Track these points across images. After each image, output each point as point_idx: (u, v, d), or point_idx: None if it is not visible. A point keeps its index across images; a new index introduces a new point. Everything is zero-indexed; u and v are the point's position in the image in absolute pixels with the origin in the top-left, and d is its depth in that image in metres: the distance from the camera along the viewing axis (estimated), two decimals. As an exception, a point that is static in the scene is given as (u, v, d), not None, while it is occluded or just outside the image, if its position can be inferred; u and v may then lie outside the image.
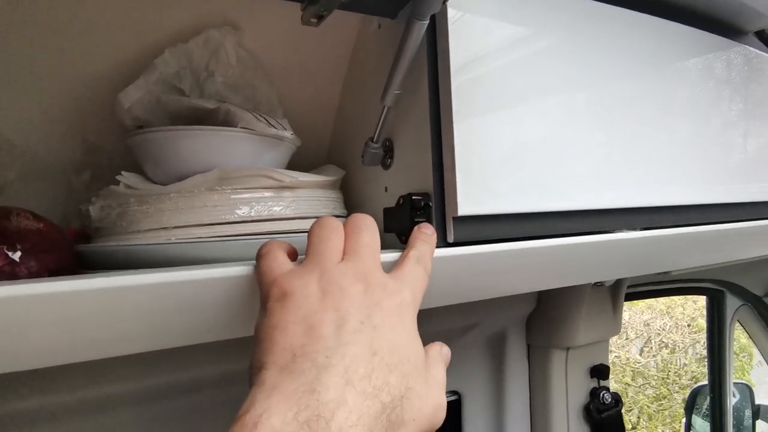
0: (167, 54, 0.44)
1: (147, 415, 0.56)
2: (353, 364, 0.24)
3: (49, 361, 0.31)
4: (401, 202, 0.40)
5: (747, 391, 1.46)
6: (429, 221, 0.39)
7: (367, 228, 0.31)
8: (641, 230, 0.49)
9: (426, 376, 0.27)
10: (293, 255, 0.31)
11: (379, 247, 0.31)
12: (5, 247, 0.33)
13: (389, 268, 0.31)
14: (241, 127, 0.42)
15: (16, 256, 0.33)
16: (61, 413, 0.52)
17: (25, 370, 0.30)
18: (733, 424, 1.39)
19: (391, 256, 0.34)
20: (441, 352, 0.31)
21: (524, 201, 0.41)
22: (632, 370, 3.64)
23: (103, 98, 0.44)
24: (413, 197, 0.39)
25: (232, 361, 0.57)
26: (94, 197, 0.41)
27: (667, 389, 3.58)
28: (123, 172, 0.40)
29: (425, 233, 0.35)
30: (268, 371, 0.24)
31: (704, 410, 1.45)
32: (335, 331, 0.25)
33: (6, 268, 0.34)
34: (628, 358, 3.68)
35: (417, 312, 0.30)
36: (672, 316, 3.83)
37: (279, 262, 0.29)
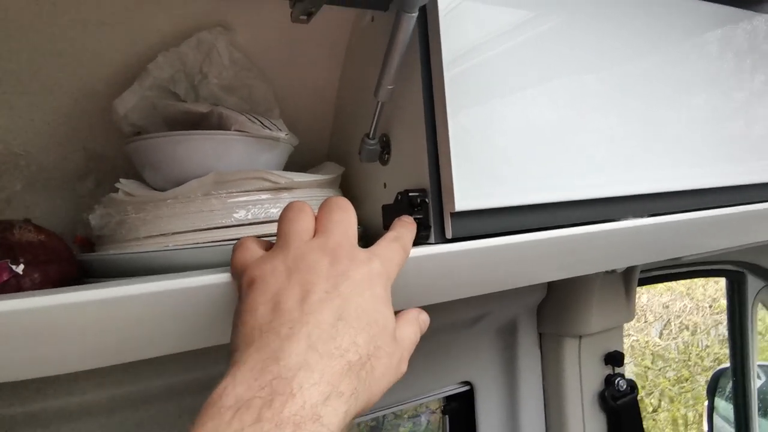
0: (161, 58, 0.44)
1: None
2: (316, 330, 0.25)
3: (55, 369, 0.32)
4: (399, 198, 0.40)
5: (773, 373, 1.43)
6: (426, 217, 0.38)
7: (339, 207, 0.31)
8: (649, 217, 0.48)
9: (394, 335, 0.29)
10: (268, 246, 0.32)
11: (354, 225, 0.31)
12: (9, 260, 0.34)
13: None
14: (235, 130, 0.41)
15: (20, 269, 0.34)
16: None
17: (30, 378, 0.30)
18: (759, 407, 1.36)
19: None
20: (418, 317, 0.32)
21: (524, 193, 0.40)
22: (652, 353, 3.59)
23: (102, 105, 0.44)
24: (410, 194, 0.38)
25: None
26: (96, 205, 0.42)
27: (689, 372, 3.53)
28: (121, 180, 0.41)
29: (405, 221, 0.36)
30: (238, 351, 0.25)
31: (727, 393, 1.43)
32: (299, 304, 0.26)
33: (12, 281, 0.35)
34: (647, 342, 3.63)
35: (390, 282, 0.30)
36: (692, 298, 3.76)
37: (250, 252, 0.30)
